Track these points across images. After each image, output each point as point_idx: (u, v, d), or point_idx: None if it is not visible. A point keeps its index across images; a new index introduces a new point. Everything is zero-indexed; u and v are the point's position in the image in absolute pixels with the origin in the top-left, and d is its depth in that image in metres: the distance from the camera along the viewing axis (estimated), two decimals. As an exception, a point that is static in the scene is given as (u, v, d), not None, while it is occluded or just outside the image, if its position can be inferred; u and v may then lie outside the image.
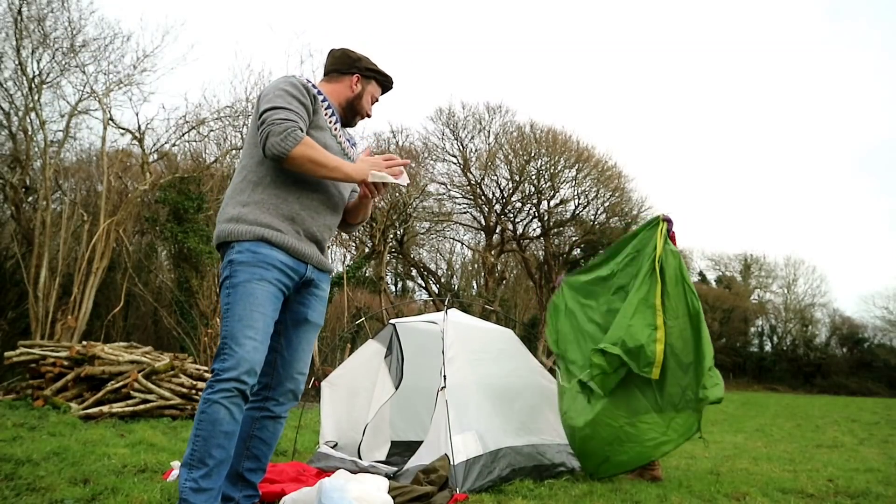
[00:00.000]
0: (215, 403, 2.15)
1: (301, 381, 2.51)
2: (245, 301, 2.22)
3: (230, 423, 2.16)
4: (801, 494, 3.86)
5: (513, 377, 4.47)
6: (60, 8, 11.21)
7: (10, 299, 12.44)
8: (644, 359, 3.95)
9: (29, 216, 12.18)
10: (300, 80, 2.41)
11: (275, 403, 2.46)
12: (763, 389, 34.30)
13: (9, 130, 11.97)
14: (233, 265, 2.27)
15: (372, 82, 2.63)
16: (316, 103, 2.42)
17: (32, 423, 5.30)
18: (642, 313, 4.06)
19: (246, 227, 2.29)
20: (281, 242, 2.30)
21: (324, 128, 2.44)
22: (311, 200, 2.38)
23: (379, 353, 4.80)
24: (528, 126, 21.71)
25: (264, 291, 2.25)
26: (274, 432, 2.48)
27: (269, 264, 2.27)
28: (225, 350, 2.19)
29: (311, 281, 2.45)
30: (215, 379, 2.18)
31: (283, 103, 2.29)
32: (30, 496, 2.83)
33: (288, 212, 2.34)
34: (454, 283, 27.66)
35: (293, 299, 2.45)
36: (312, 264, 2.42)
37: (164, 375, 6.72)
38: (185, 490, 2.11)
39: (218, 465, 2.15)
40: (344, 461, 4.05)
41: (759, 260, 42.88)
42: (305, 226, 2.37)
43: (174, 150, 13.56)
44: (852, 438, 8.54)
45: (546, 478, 4.03)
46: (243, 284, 2.23)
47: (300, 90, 2.36)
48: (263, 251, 2.27)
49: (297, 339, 2.47)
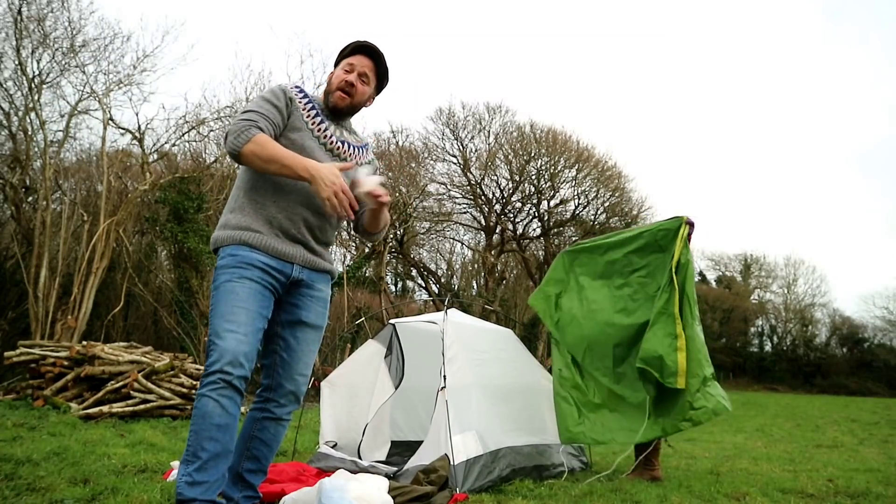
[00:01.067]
0: (203, 397, 2.17)
1: (302, 383, 2.51)
2: (226, 298, 2.25)
3: (221, 416, 2.16)
4: (801, 494, 3.86)
5: (513, 377, 4.47)
6: (60, 8, 11.23)
7: (10, 299, 12.44)
8: (667, 369, 3.89)
9: (29, 216, 12.18)
10: (282, 86, 2.45)
11: (276, 405, 2.46)
12: (763, 389, 34.31)
13: (9, 130, 11.97)
14: (217, 270, 2.35)
15: (341, 62, 2.56)
16: (291, 105, 2.43)
17: (32, 423, 5.30)
18: (662, 323, 4.00)
19: (228, 233, 2.36)
20: (259, 244, 2.33)
21: (301, 128, 2.43)
22: (287, 202, 2.39)
23: (379, 353, 4.80)
24: (528, 126, 21.75)
25: (245, 288, 2.27)
26: (275, 434, 2.48)
27: (249, 264, 2.30)
28: (210, 346, 2.22)
29: (301, 281, 2.45)
30: (203, 374, 2.22)
31: (253, 107, 2.35)
32: (30, 496, 2.83)
33: (265, 215, 2.37)
34: (454, 283, 27.66)
35: (286, 300, 2.46)
36: (299, 264, 2.42)
37: (163, 375, 6.73)
38: (180, 484, 2.13)
39: (213, 458, 2.15)
40: (344, 461, 4.05)
41: (759, 260, 42.92)
42: (284, 227, 2.39)
43: (174, 150, 13.56)
44: (852, 438, 8.54)
45: (546, 478, 4.03)
46: (224, 284, 2.28)
47: (276, 94, 2.41)
48: (242, 253, 2.32)
49: (296, 341, 2.47)
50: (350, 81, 2.50)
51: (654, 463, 4.33)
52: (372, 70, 2.55)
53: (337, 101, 2.52)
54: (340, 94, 2.51)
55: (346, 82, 2.50)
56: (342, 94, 2.50)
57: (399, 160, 19.37)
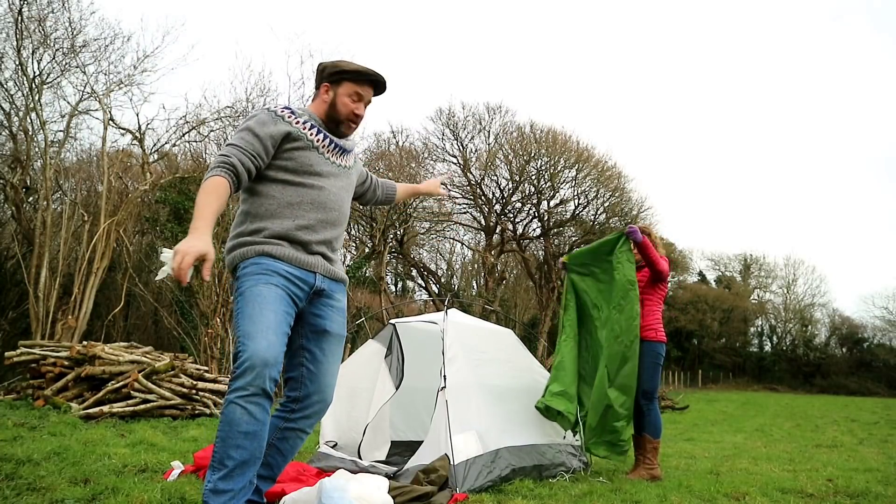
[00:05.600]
0: (231, 404, 2.15)
1: (329, 394, 2.51)
2: (254, 301, 2.24)
3: (249, 423, 2.14)
4: (800, 494, 3.86)
5: (513, 377, 4.47)
6: (61, 8, 11.24)
7: (11, 299, 12.45)
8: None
9: (29, 216, 12.19)
10: (272, 112, 2.43)
11: (303, 417, 2.46)
12: (763, 389, 34.32)
13: (9, 130, 11.98)
14: (240, 279, 2.33)
15: (344, 83, 2.53)
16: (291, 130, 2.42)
17: (33, 423, 5.30)
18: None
19: (247, 248, 2.37)
20: (283, 255, 2.35)
21: (306, 147, 2.45)
22: (306, 221, 2.42)
23: (379, 353, 4.80)
24: (528, 126, 21.75)
25: (272, 292, 2.27)
26: (293, 446, 2.49)
27: (274, 272, 2.31)
28: (239, 348, 2.19)
29: (322, 291, 2.47)
30: (232, 378, 2.18)
31: (236, 140, 2.37)
32: (30, 496, 2.83)
33: (285, 234, 2.38)
34: (454, 283, 27.68)
35: (308, 311, 2.46)
36: (321, 273, 2.45)
37: (164, 375, 6.73)
38: (205, 492, 2.12)
39: (240, 466, 2.14)
40: (344, 461, 4.06)
41: (759, 260, 42.94)
42: (303, 239, 2.41)
43: (174, 151, 13.59)
44: (852, 438, 8.54)
45: (546, 478, 4.03)
46: (250, 289, 2.27)
47: (264, 123, 2.39)
48: (266, 261, 2.33)
49: (321, 352, 2.47)
50: (360, 115, 2.56)
51: (654, 462, 4.34)
52: (373, 96, 2.62)
53: (346, 130, 2.58)
54: (350, 125, 2.57)
55: (356, 115, 2.55)
56: (352, 124, 2.57)
57: (399, 160, 19.37)
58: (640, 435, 4.42)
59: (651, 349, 4.38)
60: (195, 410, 6.68)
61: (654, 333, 4.41)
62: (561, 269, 4.73)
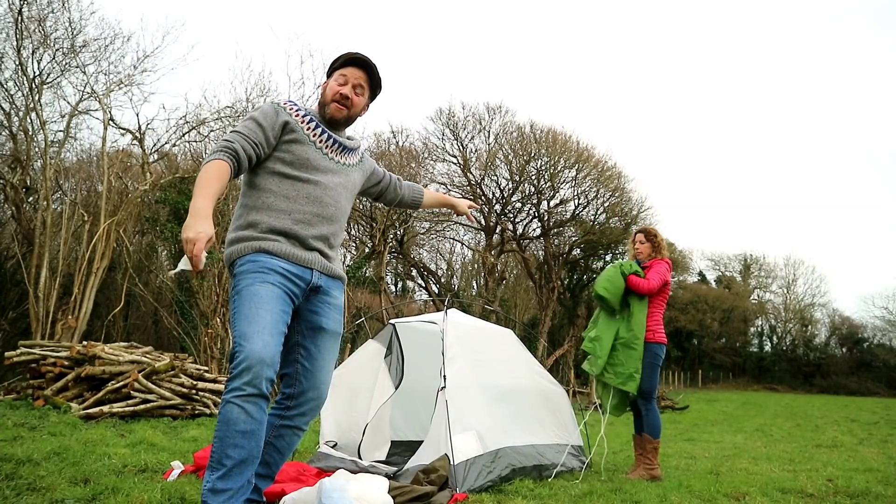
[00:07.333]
0: (228, 403, 2.15)
1: (324, 391, 2.51)
2: (250, 301, 2.24)
3: (246, 423, 2.15)
4: (800, 494, 3.86)
5: (513, 377, 4.47)
6: (61, 8, 11.24)
7: (11, 299, 12.46)
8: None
9: (29, 216, 12.20)
10: (276, 105, 2.48)
11: (298, 415, 2.47)
12: (763, 389, 34.33)
13: (9, 130, 11.98)
14: (237, 277, 2.34)
15: (333, 73, 2.59)
16: (289, 121, 2.45)
17: (33, 423, 5.30)
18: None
19: (244, 245, 2.37)
20: (279, 251, 2.35)
21: (304, 141, 2.47)
22: (302, 215, 2.42)
23: (379, 353, 4.80)
24: (528, 126, 21.75)
25: (268, 291, 2.27)
26: (290, 443, 2.49)
27: (271, 269, 2.31)
28: (236, 349, 2.19)
29: (319, 287, 2.47)
30: (229, 378, 2.19)
31: (239, 127, 2.41)
32: (30, 496, 2.83)
33: (281, 227, 2.38)
34: (454, 283, 27.68)
35: (305, 308, 2.46)
36: (318, 270, 2.44)
37: (164, 375, 6.73)
38: (204, 492, 2.13)
39: (238, 465, 2.14)
40: (344, 461, 4.06)
41: (759, 260, 42.95)
42: (300, 235, 2.41)
43: (174, 151, 13.59)
44: (852, 438, 8.54)
45: (546, 478, 4.03)
46: (246, 288, 2.27)
47: (267, 114, 2.43)
48: (263, 259, 2.32)
49: (317, 349, 2.48)
50: (345, 94, 2.53)
51: (654, 462, 4.34)
52: (365, 81, 2.58)
53: (334, 112, 2.54)
54: (337, 106, 2.53)
55: (340, 94, 2.53)
56: (338, 105, 2.54)
57: (399, 160, 19.37)
58: (640, 435, 4.43)
59: (649, 350, 4.41)
60: (195, 410, 6.68)
61: (651, 335, 4.44)
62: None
